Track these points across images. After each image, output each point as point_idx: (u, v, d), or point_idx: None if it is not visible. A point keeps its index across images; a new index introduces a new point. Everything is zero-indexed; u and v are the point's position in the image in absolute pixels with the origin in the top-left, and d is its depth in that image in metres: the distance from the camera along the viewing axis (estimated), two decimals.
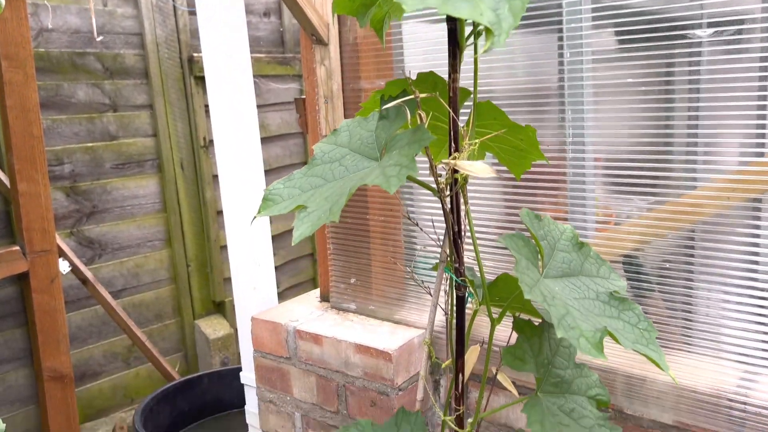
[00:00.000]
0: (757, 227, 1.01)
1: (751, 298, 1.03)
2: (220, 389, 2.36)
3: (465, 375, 0.87)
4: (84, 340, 2.70)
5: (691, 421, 1.08)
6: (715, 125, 1.01)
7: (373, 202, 1.46)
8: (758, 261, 1.01)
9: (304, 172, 0.85)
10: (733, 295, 1.04)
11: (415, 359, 1.37)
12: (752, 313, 1.03)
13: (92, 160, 2.70)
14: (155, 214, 2.93)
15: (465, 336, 0.84)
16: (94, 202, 2.72)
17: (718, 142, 1.02)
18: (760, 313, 1.02)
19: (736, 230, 1.02)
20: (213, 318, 3.13)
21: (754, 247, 1.01)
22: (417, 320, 1.42)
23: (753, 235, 1.01)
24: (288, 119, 3.42)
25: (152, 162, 2.91)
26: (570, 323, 0.70)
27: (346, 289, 1.54)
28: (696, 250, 1.07)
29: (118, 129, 2.78)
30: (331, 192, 0.77)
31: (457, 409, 0.87)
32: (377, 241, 1.47)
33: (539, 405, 0.85)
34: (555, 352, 0.91)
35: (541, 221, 0.84)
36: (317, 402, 1.46)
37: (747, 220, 1.02)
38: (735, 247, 1.03)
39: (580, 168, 1.16)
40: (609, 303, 0.79)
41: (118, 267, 2.81)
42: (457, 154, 0.74)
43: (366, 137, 0.82)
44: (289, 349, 1.49)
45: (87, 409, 2.71)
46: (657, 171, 1.07)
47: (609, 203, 1.14)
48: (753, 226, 1.01)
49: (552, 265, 0.81)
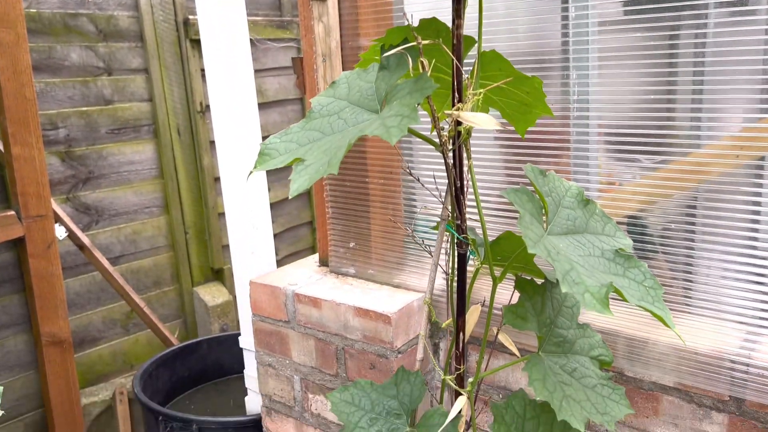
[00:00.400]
0: (759, 185, 0.99)
1: (753, 258, 1.01)
2: (219, 355, 2.37)
3: (466, 334, 0.86)
4: (82, 306, 2.70)
5: (692, 383, 1.07)
6: (721, 89, 0.98)
7: (372, 165, 1.43)
8: (760, 220, 0.99)
9: (302, 126, 0.82)
10: (735, 255, 1.03)
11: (415, 322, 1.36)
12: (755, 273, 1.01)
13: (87, 124, 2.66)
14: (152, 180, 2.90)
15: (466, 294, 0.83)
16: (90, 167, 2.69)
17: (724, 99, 0.99)
18: (762, 274, 1.01)
19: (741, 189, 1.00)
20: (212, 285, 3.12)
21: (756, 206, 0.99)
22: (416, 284, 1.41)
23: (755, 194, 0.99)
24: (286, 85, 3.37)
25: (148, 127, 2.87)
26: (575, 278, 0.68)
27: (345, 254, 1.53)
28: (699, 210, 1.05)
29: (113, 93, 2.74)
30: (329, 145, 0.74)
31: (457, 369, 0.86)
32: (377, 205, 1.45)
33: (541, 364, 0.84)
34: (558, 312, 0.89)
35: (545, 177, 0.81)
36: (316, 365, 1.46)
37: (750, 178, 1.00)
38: (739, 206, 1.01)
39: (584, 128, 1.13)
40: (614, 260, 0.78)
41: (116, 233, 2.79)
42: (460, 105, 0.71)
43: (365, 89, 0.79)
44: (287, 312, 1.48)
45: (87, 375, 2.72)
46: (662, 129, 1.04)
47: (612, 166, 1.12)
48: (755, 185, 0.99)
49: (556, 222, 0.79)
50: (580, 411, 0.79)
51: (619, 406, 0.83)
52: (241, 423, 1.75)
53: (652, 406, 1.12)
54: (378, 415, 0.91)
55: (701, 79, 1.01)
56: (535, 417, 0.88)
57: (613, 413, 0.82)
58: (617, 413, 0.82)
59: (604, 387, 0.85)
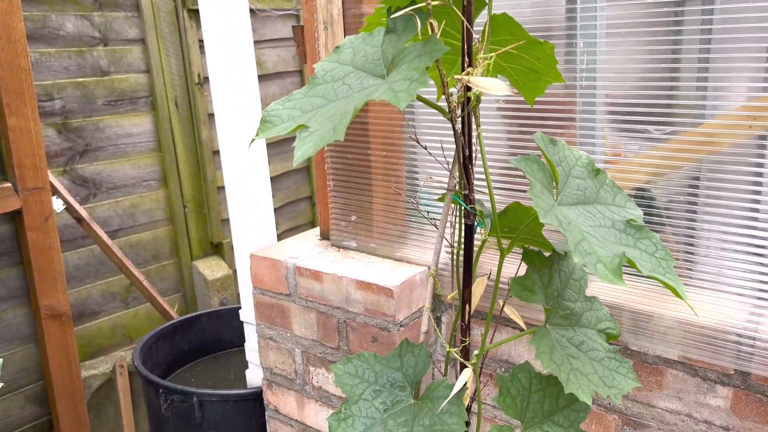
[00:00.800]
0: (762, 156, 0.97)
1: (761, 231, 1.00)
2: (219, 328, 2.36)
3: (472, 306, 0.84)
4: (81, 280, 2.69)
5: (697, 357, 1.06)
6: (732, 57, 0.95)
7: (374, 137, 1.40)
8: (762, 191, 0.98)
9: (305, 93, 0.80)
10: (743, 228, 1.01)
11: (417, 296, 1.35)
12: (763, 247, 1.00)
13: (83, 96, 2.62)
14: (150, 153, 2.87)
15: (473, 265, 0.81)
16: (87, 139, 2.65)
17: (735, 68, 0.97)
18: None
19: (747, 161, 0.98)
20: (211, 259, 3.11)
21: (760, 176, 0.98)
22: (419, 258, 1.39)
23: (758, 164, 0.97)
24: (285, 56, 3.32)
25: (146, 99, 2.82)
26: (587, 249, 0.66)
27: (347, 227, 1.51)
28: (705, 182, 1.03)
29: (109, 64, 2.69)
30: (334, 111, 0.72)
31: (463, 341, 0.85)
32: (379, 178, 1.43)
33: (548, 336, 0.82)
34: (565, 285, 0.88)
35: (556, 146, 0.79)
36: (317, 338, 1.45)
37: (755, 149, 0.98)
38: (744, 177, 0.99)
39: (591, 98, 1.11)
40: (625, 231, 0.76)
41: (114, 207, 2.77)
42: (470, 70, 0.68)
43: (371, 54, 0.76)
44: (289, 285, 1.47)
45: (86, 348, 2.72)
46: (673, 99, 1.02)
47: (619, 138, 1.09)
48: (759, 156, 0.97)
49: (567, 192, 0.77)
50: (587, 384, 0.78)
51: (626, 380, 0.82)
52: (242, 396, 1.75)
53: (656, 380, 1.11)
54: (382, 387, 0.90)
55: (708, 48, 0.98)
56: (541, 390, 0.87)
57: (620, 386, 0.81)
58: (624, 386, 0.81)
59: (611, 360, 0.84)
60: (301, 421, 1.56)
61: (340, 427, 0.85)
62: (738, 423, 1.05)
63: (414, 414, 0.86)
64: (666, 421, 1.12)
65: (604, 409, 1.18)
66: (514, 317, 0.88)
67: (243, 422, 1.77)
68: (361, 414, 0.87)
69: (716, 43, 0.97)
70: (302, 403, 1.54)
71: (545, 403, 0.86)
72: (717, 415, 1.06)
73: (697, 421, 1.09)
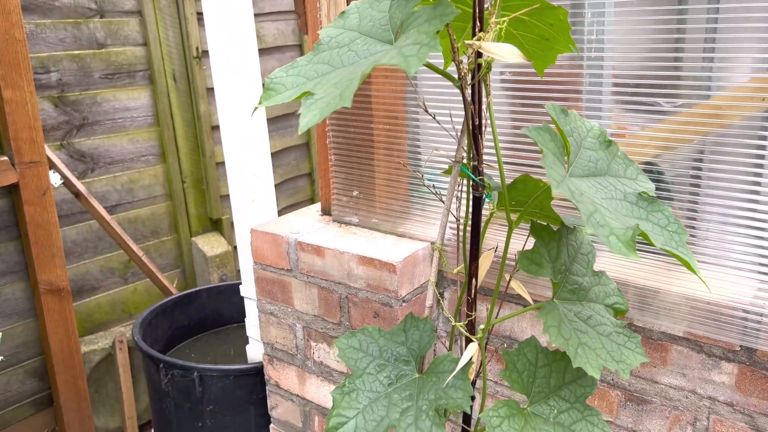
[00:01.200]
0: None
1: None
2: (219, 304, 2.36)
3: (478, 280, 0.83)
4: (80, 255, 2.67)
5: (703, 332, 1.05)
6: (744, 27, 0.93)
7: (377, 111, 1.38)
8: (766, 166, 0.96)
9: (309, 59, 0.77)
10: (749, 202, 0.99)
11: (420, 272, 1.34)
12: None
13: (80, 69, 2.58)
14: (148, 127, 2.83)
15: (480, 238, 0.79)
16: (84, 113, 2.62)
17: (748, 38, 0.94)
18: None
19: (757, 134, 0.96)
20: (210, 235, 3.09)
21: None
22: (421, 233, 1.38)
23: (763, 137, 0.95)
24: (284, 30, 3.27)
25: (143, 73, 2.78)
26: (599, 220, 0.64)
27: (348, 202, 1.49)
28: (714, 156, 1.01)
29: (106, 36, 2.64)
30: (340, 78, 0.70)
31: (468, 315, 0.84)
32: (381, 152, 1.40)
33: (556, 310, 0.81)
34: (573, 259, 0.87)
35: (567, 116, 0.77)
36: (319, 314, 1.44)
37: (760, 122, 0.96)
38: (752, 151, 0.97)
39: (598, 69, 1.08)
40: (637, 204, 0.74)
41: (112, 182, 2.74)
42: (482, 35, 0.66)
43: (378, 18, 0.74)
44: (290, 261, 1.46)
45: (86, 323, 2.71)
46: (683, 71, 1.00)
47: (627, 112, 1.07)
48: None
49: (578, 163, 0.75)
50: (595, 358, 0.77)
51: (634, 354, 0.81)
52: (243, 371, 1.75)
53: (660, 356, 1.11)
54: (386, 361, 0.89)
55: (716, 17, 0.95)
56: (547, 365, 0.86)
57: (628, 361, 0.80)
58: (633, 361, 0.80)
59: (619, 335, 0.83)
60: (302, 396, 1.56)
61: (344, 401, 0.84)
62: (742, 399, 1.04)
63: (419, 388, 0.85)
64: (669, 397, 1.11)
65: (607, 385, 1.17)
66: (521, 291, 0.87)
67: (243, 397, 1.77)
68: (365, 388, 0.86)
69: (724, 13, 0.95)
70: (303, 378, 1.54)
71: (551, 378, 0.85)
72: (721, 391, 1.06)
73: (701, 397, 1.08)
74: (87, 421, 2.54)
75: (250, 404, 1.77)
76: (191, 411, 1.81)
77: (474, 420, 1.13)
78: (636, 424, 1.16)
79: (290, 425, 1.63)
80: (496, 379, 1.30)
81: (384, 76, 1.35)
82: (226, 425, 1.80)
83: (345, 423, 0.83)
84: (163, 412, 1.91)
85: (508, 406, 0.82)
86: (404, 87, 1.34)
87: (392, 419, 0.81)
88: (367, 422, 0.82)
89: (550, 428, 0.81)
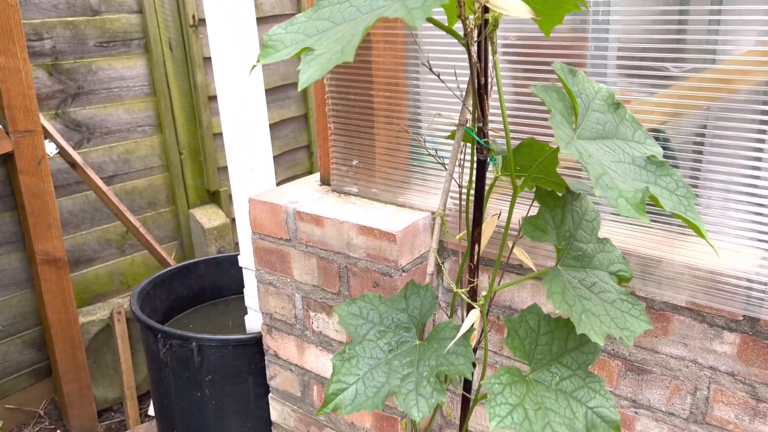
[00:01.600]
0: None
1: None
2: (217, 276, 2.35)
3: (481, 246, 0.81)
4: (77, 226, 2.65)
5: (706, 302, 1.04)
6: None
7: (377, 78, 1.35)
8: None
9: (309, 16, 0.75)
10: (754, 170, 0.98)
11: (420, 242, 1.32)
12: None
13: (74, 36, 2.53)
14: (144, 97, 2.79)
15: (484, 203, 0.78)
16: (79, 82, 2.57)
17: (744, 9, 0.92)
18: None
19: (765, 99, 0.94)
20: (208, 207, 3.07)
21: None
22: (421, 203, 1.36)
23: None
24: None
25: (139, 41, 2.73)
26: (608, 183, 0.63)
27: (348, 172, 1.47)
28: (730, 123, 0.99)
29: (100, 3, 2.59)
30: (341, 34, 0.67)
31: (470, 281, 0.82)
32: (381, 121, 1.38)
33: (560, 277, 0.80)
34: (578, 226, 0.85)
35: (575, 77, 0.75)
36: (318, 284, 1.43)
37: None
38: (758, 116, 0.95)
39: (604, 33, 1.06)
40: (645, 168, 0.72)
41: (108, 152, 2.71)
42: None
43: None
44: (289, 230, 1.44)
45: (84, 294, 2.71)
46: (681, 35, 0.97)
47: (635, 79, 1.05)
48: None
49: (585, 125, 0.73)
50: (599, 325, 0.76)
51: (638, 322, 0.80)
52: (242, 341, 1.75)
53: (662, 326, 1.10)
54: (387, 328, 0.88)
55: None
56: (550, 332, 0.85)
57: (632, 328, 0.79)
58: (636, 328, 0.79)
59: (623, 302, 0.81)
60: (301, 366, 1.56)
61: (344, 367, 0.83)
62: (743, 369, 1.04)
63: (420, 354, 0.84)
64: (670, 366, 1.11)
65: (607, 354, 1.17)
66: (524, 258, 0.86)
67: (242, 367, 1.77)
68: (366, 354, 0.85)
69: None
70: (302, 348, 1.53)
71: (554, 345, 0.84)
72: (723, 361, 1.05)
73: (702, 367, 1.08)
74: (86, 391, 2.55)
75: (248, 374, 1.77)
76: (190, 381, 1.81)
77: (474, 389, 1.13)
78: (635, 393, 1.16)
79: (289, 395, 1.63)
80: (496, 349, 1.30)
81: (385, 41, 1.32)
82: (224, 395, 1.80)
83: (345, 389, 0.82)
84: (161, 382, 1.91)
85: (509, 373, 0.81)
86: (405, 53, 1.31)
87: (393, 385, 0.81)
88: (367, 388, 0.81)
89: (552, 395, 0.80)
